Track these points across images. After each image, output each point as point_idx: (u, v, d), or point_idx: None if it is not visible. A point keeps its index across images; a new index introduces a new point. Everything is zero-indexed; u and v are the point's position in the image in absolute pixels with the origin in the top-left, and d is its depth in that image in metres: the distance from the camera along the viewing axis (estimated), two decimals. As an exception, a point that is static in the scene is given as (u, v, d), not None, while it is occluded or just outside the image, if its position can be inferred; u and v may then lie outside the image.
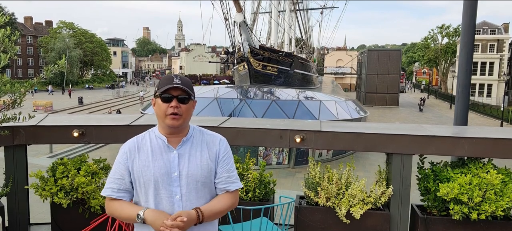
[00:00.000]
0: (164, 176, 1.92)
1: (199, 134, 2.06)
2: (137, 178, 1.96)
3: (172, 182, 1.93)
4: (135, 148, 1.99)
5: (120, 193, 1.99)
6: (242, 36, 32.42)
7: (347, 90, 74.31)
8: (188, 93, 1.93)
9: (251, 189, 4.33)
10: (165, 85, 1.90)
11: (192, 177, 1.95)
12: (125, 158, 1.98)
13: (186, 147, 1.99)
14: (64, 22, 79.64)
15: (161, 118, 1.94)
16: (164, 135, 1.98)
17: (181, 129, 1.98)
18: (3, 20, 3.46)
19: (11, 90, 3.52)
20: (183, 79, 1.95)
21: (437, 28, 70.63)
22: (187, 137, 2.00)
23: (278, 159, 20.37)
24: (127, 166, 1.98)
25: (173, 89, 1.91)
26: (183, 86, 1.91)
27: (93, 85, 78.24)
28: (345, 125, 4.87)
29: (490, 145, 3.87)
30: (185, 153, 1.97)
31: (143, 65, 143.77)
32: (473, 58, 5.63)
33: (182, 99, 1.92)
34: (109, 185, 2.01)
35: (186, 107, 1.94)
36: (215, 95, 22.79)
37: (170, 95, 1.90)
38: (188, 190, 1.95)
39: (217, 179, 2.04)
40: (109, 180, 2.02)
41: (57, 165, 4.24)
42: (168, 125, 1.93)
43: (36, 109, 36.16)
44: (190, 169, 1.95)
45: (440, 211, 3.95)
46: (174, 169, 1.94)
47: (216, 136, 2.09)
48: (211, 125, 4.24)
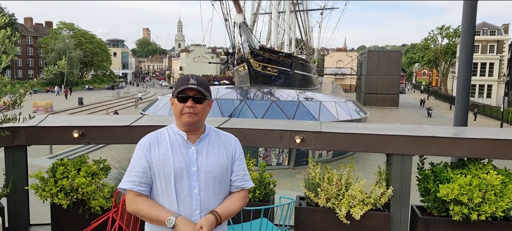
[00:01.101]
0: (184, 170, 1.97)
1: (214, 133, 2.13)
2: (157, 171, 1.98)
3: (191, 176, 1.99)
4: (155, 141, 2.02)
5: (142, 186, 1.99)
6: (242, 37, 32.46)
7: (347, 91, 74.37)
8: (203, 93, 1.99)
9: (251, 190, 4.33)
10: (181, 85, 1.98)
11: (210, 172, 2.01)
12: (145, 151, 2.00)
13: (204, 143, 2.05)
14: (64, 23, 79.72)
15: (177, 116, 2.01)
16: (182, 131, 2.04)
17: (198, 126, 2.04)
18: (3, 21, 3.46)
19: (12, 91, 3.52)
20: (199, 79, 2.01)
21: (437, 29, 70.80)
22: (204, 134, 2.07)
23: (278, 160, 20.36)
24: (148, 159, 1.99)
25: (189, 90, 1.97)
26: (199, 86, 1.97)
27: (93, 86, 78.30)
28: (345, 126, 4.88)
29: (490, 145, 3.87)
30: (203, 149, 2.04)
31: (143, 66, 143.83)
32: (473, 59, 5.64)
33: (197, 99, 1.98)
34: (130, 179, 2.00)
35: (201, 107, 2.00)
36: (215, 96, 22.79)
37: (185, 96, 1.97)
38: (206, 185, 2.00)
39: (234, 177, 2.11)
40: (130, 173, 2.01)
41: (57, 166, 4.24)
42: (184, 122, 1.99)
43: (36, 110, 36.17)
44: (208, 165, 2.01)
45: (440, 212, 3.95)
46: (193, 164, 2.00)
47: (231, 136, 2.19)
48: (211, 125, 4.23)
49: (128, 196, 2.02)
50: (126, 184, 2.00)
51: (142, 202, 1.98)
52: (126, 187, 2.00)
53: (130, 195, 2.01)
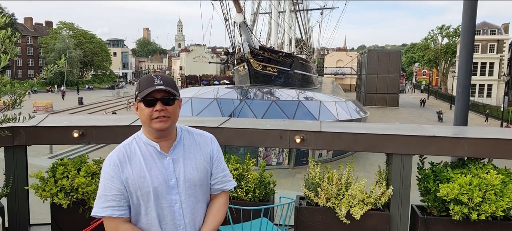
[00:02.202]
0: (162, 185, 1.80)
1: (187, 134, 1.94)
2: (133, 191, 1.79)
3: (171, 190, 1.82)
4: (125, 158, 1.82)
5: (122, 210, 1.80)
6: (242, 36, 32.46)
7: (347, 90, 74.33)
8: (172, 93, 1.79)
9: (251, 190, 4.32)
10: (146, 88, 1.77)
11: (190, 181, 1.85)
12: (117, 170, 1.79)
13: (178, 151, 1.87)
14: (64, 23, 79.73)
15: (146, 123, 1.80)
16: (152, 140, 1.85)
17: (170, 131, 1.85)
18: (3, 21, 3.46)
19: (11, 90, 3.52)
20: (165, 78, 1.81)
21: (437, 28, 70.82)
22: (177, 139, 1.88)
23: (278, 160, 20.37)
24: (121, 179, 1.79)
25: (156, 92, 1.76)
26: (166, 86, 1.77)
27: (93, 86, 78.30)
28: (345, 125, 4.87)
29: (490, 145, 3.87)
30: (179, 157, 1.86)
31: (143, 66, 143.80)
32: (473, 58, 5.64)
33: (166, 100, 1.78)
34: (106, 204, 1.78)
35: (172, 108, 1.80)
36: (215, 96, 22.78)
37: (153, 98, 1.77)
38: (187, 195, 1.85)
39: (213, 180, 1.97)
40: (105, 198, 1.79)
41: (57, 166, 4.24)
42: (156, 128, 1.79)
43: (36, 110, 36.16)
44: (186, 173, 1.85)
45: (440, 212, 3.95)
46: (171, 176, 1.82)
47: (205, 135, 2.00)
48: (211, 125, 4.24)
49: (108, 223, 1.81)
50: (104, 210, 1.78)
51: (126, 228, 1.80)
52: (105, 214, 1.78)
53: (110, 223, 1.80)
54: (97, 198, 1.82)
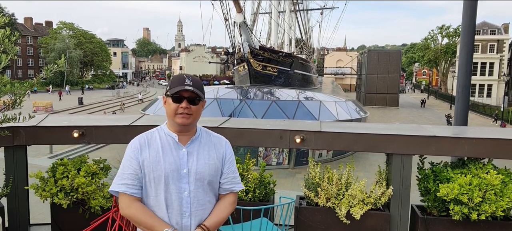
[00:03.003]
0: (174, 172, 1.96)
1: (205, 134, 2.11)
2: (147, 173, 1.96)
3: (181, 179, 1.97)
4: (146, 143, 2.01)
5: (135, 188, 1.97)
6: (242, 36, 32.47)
7: (347, 90, 74.34)
8: (198, 95, 1.97)
9: (251, 190, 4.32)
10: (176, 86, 1.96)
11: (200, 174, 2.00)
12: (136, 152, 1.98)
13: (194, 145, 2.03)
14: (64, 23, 79.73)
15: (171, 116, 1.99)
16: (173, 132, 2.02)
17: (190, 127, 2.03)
18: (3, 21, 3.46)
19: (11, 90, 3.52)
20: (194, 80, 2.00)
21: (437, 28, 70.87)
22: (196, 136, 2.05)
23: (278, 160, 20.38)
24: (139, 160, 1.98)
25: (184, 91, 1.95)
26: (194, 88, 1.96)
27: (93, 86, 78.28)
28: (345, 125, 4.87)
29: (490, 145, 3.87)
30: (194, 151, 2.02)
31: (143, 66, 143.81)
32: (473, 58, 5.64)
33: (192, 100, 1.97)
34: (122, 181, 1.97)
35: (195, 107, 1.98)
36: (215, 96, 22.79)
37: (180, 96, 1.95)
38: (196, 187, 1.99)
39: (223, 179, 2.10)
40: (122, 176, 1.98)
41: (57, 166, 4.24)
42: (178, 123, 1.97)
43: (36, 110, 36.16)
44: (198, 166, 2.00)
45: (440, 212, 3.95)
46: (184, 166, 1.98)
47: (221, 138, 2.16)
48: (211, 125, 4.23)
49: (122, 199, 1.99)
50: (119, 186, 1.97)
51: (138, 208, 1.96)
52: (119, 190, 1.97)
53: (124, 199, 1.98)
54: (116, 177, 2.01)
